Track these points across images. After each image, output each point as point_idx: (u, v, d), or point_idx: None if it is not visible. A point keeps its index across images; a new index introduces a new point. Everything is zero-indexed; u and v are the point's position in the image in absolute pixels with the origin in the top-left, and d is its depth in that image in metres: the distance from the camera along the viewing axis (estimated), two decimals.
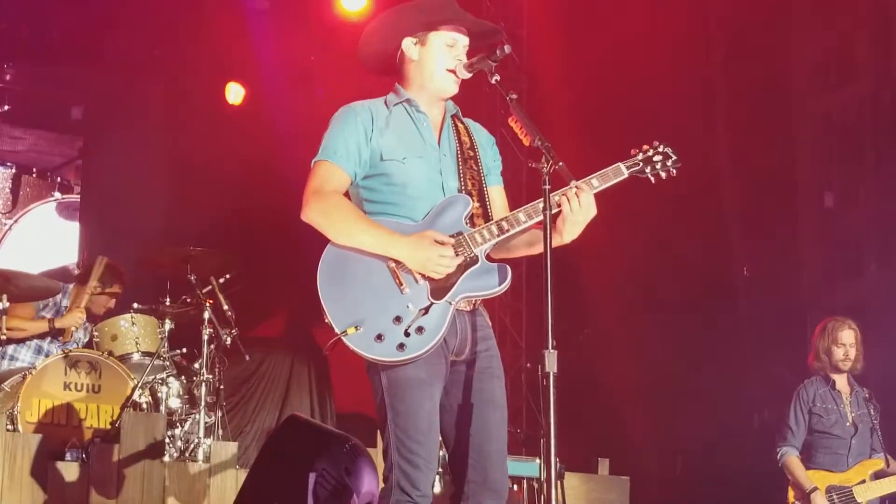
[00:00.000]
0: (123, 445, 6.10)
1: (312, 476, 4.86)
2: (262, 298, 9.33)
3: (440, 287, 3.61)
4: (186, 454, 6.74)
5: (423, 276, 3.60)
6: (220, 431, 7.14)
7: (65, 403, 6.62)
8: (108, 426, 6.57)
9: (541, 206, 3.53)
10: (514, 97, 3.67)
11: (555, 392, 3.34)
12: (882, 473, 6.54)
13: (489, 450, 3.67)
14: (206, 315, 7.06)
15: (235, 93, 10.57)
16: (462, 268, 3.64)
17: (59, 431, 6.50)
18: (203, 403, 6.90)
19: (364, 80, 4.14)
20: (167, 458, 6.39)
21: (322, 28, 10.15)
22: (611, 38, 9.99)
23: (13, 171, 11.84)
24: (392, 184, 3.72)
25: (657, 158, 3.83)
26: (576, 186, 3.67)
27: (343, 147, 3.72)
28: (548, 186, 3.50)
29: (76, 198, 11.63)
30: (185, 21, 9.69)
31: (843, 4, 10.10)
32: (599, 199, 3.72)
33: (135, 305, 7.31)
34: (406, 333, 3.54)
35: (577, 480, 7.54)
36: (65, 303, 7.47)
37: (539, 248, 3.49)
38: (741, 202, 10.05)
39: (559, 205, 3.65)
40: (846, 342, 6.68)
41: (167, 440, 6.54)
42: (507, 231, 3.68)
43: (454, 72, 3.79)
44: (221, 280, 7.23)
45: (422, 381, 3.58)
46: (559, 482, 6.72)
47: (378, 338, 3.54)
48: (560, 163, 3.48)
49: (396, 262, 3.60)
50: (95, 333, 7.21)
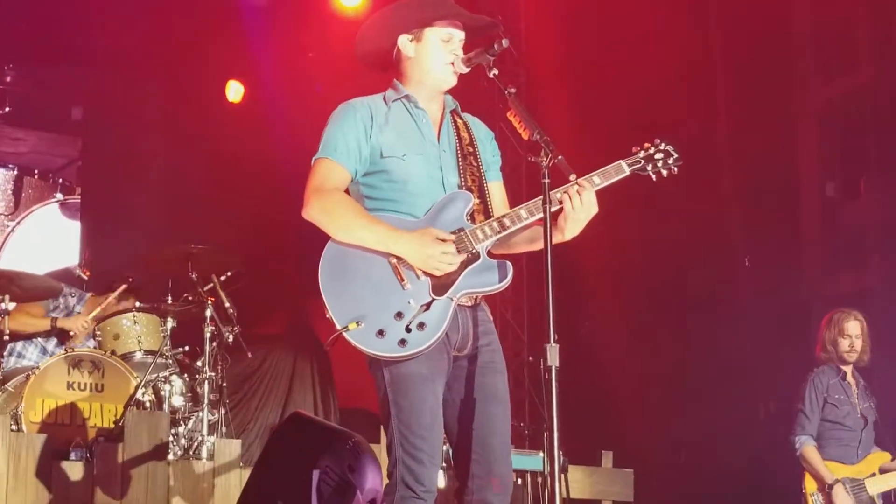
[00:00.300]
0: (127, 444, 6.10)
1: (316, 473, 4.86)
2: (264, 295, 9.33)
3: (441, 283, 3.61)
4: (190, 452, 6.75)
5: (425, 273, 3.60)
6: (224, 429, 7.15)
7: (68, 403, 6.63)
8: (112, 425, 6.59)
9: (542, 203, 3.53)
10: (513, 91, 3.67)
11: (557, 385, 3.35)
12: (885, 468, 6.53)
13: (492, 444, 3.67)
14: (208, 313, 7.07)
15: (235, 91, 10.57)
16: (463, 264, 3.64)
17: (63, 431, 6.50)
18: (206, 401, 6.91)
19: (362, 77, 4.13)
20: (171, 457, 6.39)
21: (320, 24, 10.14)
22: (609, 31, 9.97)
23: (15, 173, 11.84)
24: (392, 181, 3.73)
25: (659, 156, 3.82)
26: (577, 184, 3.66)
27: (343, 144, 3.72)
28: (547, 181, 3.50)
29: (78, 198, 11.63)
30: (184, 20, 9.68)
31: None
32: (600, 195, 3.71)
33: (137, 304, 7.32)
34: (407, 329, 3.55)
35: (581, 473, 7.54)
36: (78, 309, 7.50)
37: (540, 244, 3.49)
38: (742, 192, 10.04)
39: (560, 202, 3.65)
40: (852, 333, 6.67)
41: (171, 438, 6.55)
42: (509, 228, 3.68)
43: (452, 65, 3.79)
44: (223, 278, 7.24)
45: (424, 377, 3.58)
46: (563, 475, 6.72)
47: (379, 333, 3.54)
48: (559, 157, 3.48)
49: (398, 258, 3.61)
50: (98, 332, 7.22)
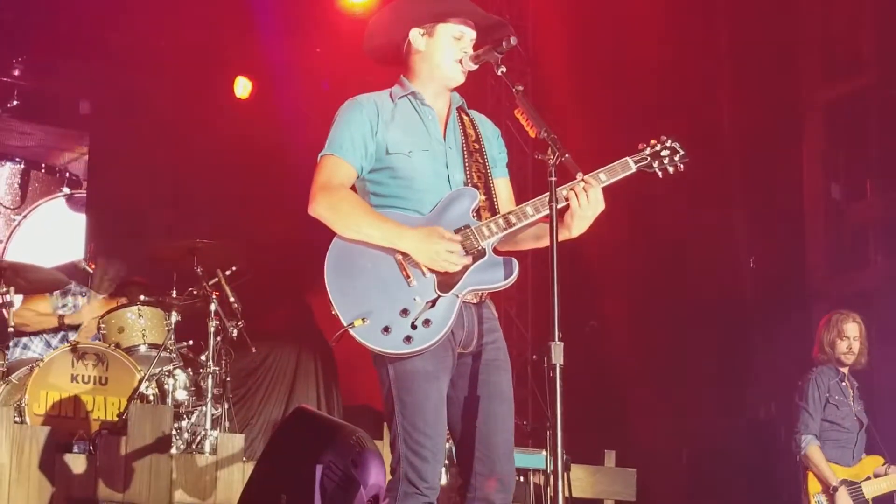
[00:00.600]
0: (130, 437, 6.11)
1: (319, 468, 4.87)
2: (269, 290, 9.33)
3: (447, 280, 3.61)
4: (193, 446, 6.76)
5: (430, 270, 3.60)
6: (227, 423, 7.15)
7: (72, 395, 6.63)
8: (116, 418, 6.58)
9: (548, 200, 3.53)
10: (520, 89, 3.66)
11: (561, 384, 3.35)
12: (880, 472, 6.53)
13: (496, 442, 3.67)
14: (213, 307, 7.07)
15: (243, 87, 10.57)
16: (469, 261, 3.64)
17: (67, 423, 6.50)
18: (210, 395, 6.91)
19: (370, 73, 4.14)
20: (174, 451, 6.40)
21: (327, 20, 10.14)
22: (615, 30, 9.97)
23: (22, 167, 11.84)
24: (398, 177, 3.73)
25: (665, 153, 3.83)
26: (583, 181, 3.66)
27: (349, 141, 3.72)
28: (554, 178, 3.49)
29: (85, 193, 11.63)
30: (193, 15, 9.68)
31: None
32: (606, 193, 3.71)
33: (141, 297, 7.32)
34: (413, 326, 3.55)
35: (584, 472, 7.54)
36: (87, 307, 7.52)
37: (547, 241, 3.49)
38: (747, 193, 10.03)
39: (567, 199, 3.65)
40: (850, 335, 6.65)
41: (174, 432, 6.56)
42: (515, 225, 3.68)
43: (461, 62, 3.79)
44: (228, 272, 7.24)
45: (429, 374, 3.58)
46: (565, 474, 6.72)
47: (385, 330, 3.54)
48: (566, 154, 3.48)
49: (403, 255, 3.61)
50: (102, 325, 7.22)
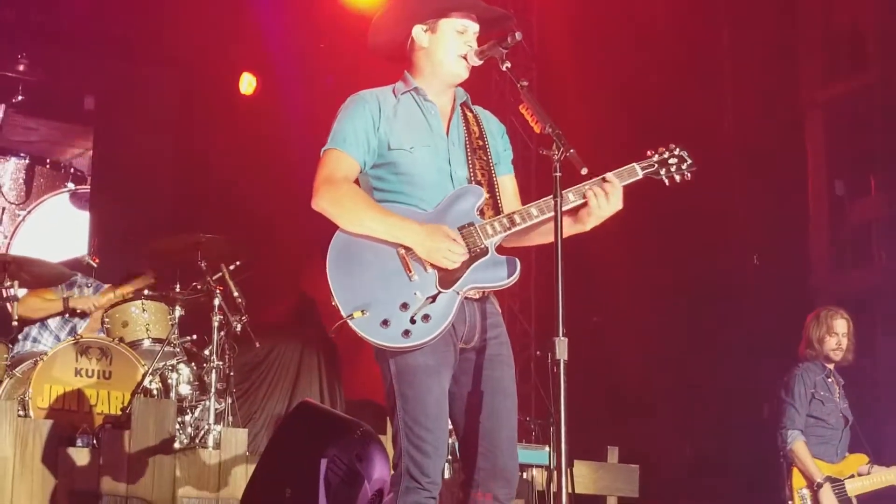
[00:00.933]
0: (134, 432, 6.12)
1: (323, 462, 4.87)
2: (273, 285, 9.35)
3: (449, 276, 3.61)
4: (197, 441, 6.76)
5: (432, 265, 3.61)
6: (231, 418, 7.16)
7: (76, 389, 6.64)
8: (119, 412, 6.60)
9: (553, 203, 3.52)
10: (525, 84, 3.67)
11: (565, 379, 3.35)
12: (864, 470, 6.52)
13: (499, 437, 3.67)
14: (217, 302, 7.08)
15: (248, 83, 10.58)
16: (471, 258, 3.65)
17: (71, 417, 6.52)
18: (213, 390, 6.92)
19: (374, 68, 4.14)
20: (178, 445, 6.41)
21: (331, 15, 10.14)
22: (619, 27, 9.98)
23: (27, 162, 11.85)
24: (400, 173, 3.73)
25: (673, 161, 3.85)
26: (604, 180, 3.70)
27: (352, 135, 3.73)
28: (559, 174, 3.51)
29: (89, 188, 11.64)
30: (198, 11, 9.69)
31: None
32: None
33: (145, 292, 7.34)
34: (412, 320, 3.56)
35: (587, 468, 7.54)
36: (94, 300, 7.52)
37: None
38: (750, 190, 10.03)
39: (585, 196, 3.68)
40: (839, 331, 6.62)
41: (178, 427, 6.57)
42: (518, 224, 3.69)
43: (465, 57, 3.79)
44: (232, 267, 7.24)
45: (430, 368, 3.59)
46: (568, 470, 6.72)
47: (384, 323, 3.55)
48: (571, 150, 3.48)
49: (406, 249, 3.61)
50: (106, 320, 7.23)
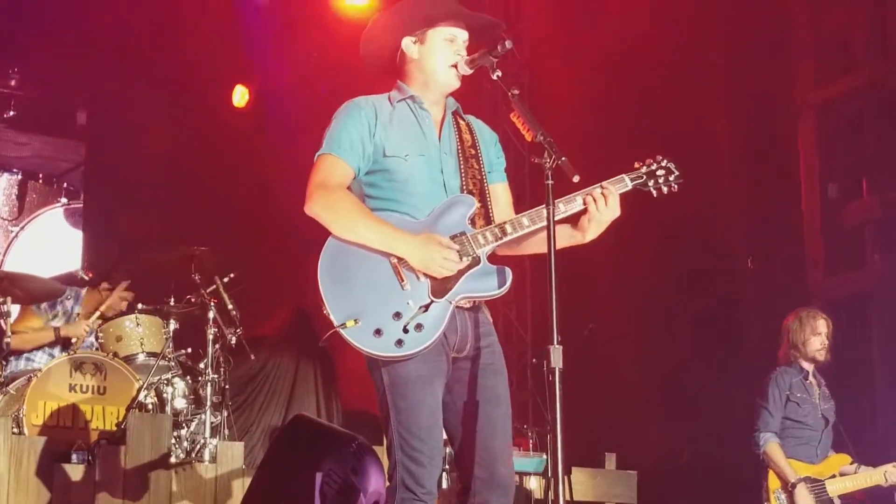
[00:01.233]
0: (129, 447, 6.10)
1: (319, 475, 4.86)
2: (267, 297, 9.33)
3: (441, 286, 3.62)
4: (193, 455, 6.74)
5: (425, 274, 3.61)
6: (226, 431, 7.14)
7: (70, 405, 6.62)
8: (114, 427, 6.58)
9: (545, 213, 3.53)
10: (516, 93, 3.69)
11: (561, 387, 3.34)
12: (846, 471, 6.53)
13: (494, 446, 3.67)
14: (211, 315, 7.07)
15: (241, 95, 10.57)
16: (464, 268, 3.65)
17: (65, 433, 6.50)
18: (209, 403, 6.91)
19: (366, 77, 4.13)
20: (173, 459, 6.39)
21: (323, 25, 10.14)
22: (611, 32, 9.98)
23: (19, 178, 11.82)
24: (394, 180, 3.73)
25: (660, 173, 3.90)
26: (602, 187, 3.74)
27: (347, 141, 3.73)
28: (550, 182, 3.51)
29: (82, 203, 11.61)
30: (190, 24, 9.69)
31: None
32: None
33: (139, 306, 7.32)
34: (405, 330, 3.55)
35: (584, 475, 7.54)
36: (77, 309, 7.48)
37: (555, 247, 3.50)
38: (743, 193, 10.04)
39: (585, 204, 3.71)
40: (822, 331, 6.64)
41: (173, 441, 6.55)
42: (510, 234, 3.71)
43: (455, 66, 3.80)
44: (226, 279, 7.24)
45: (423, 379, 3.59)
46: (566, 477, 6.71)
47: (376, 332, 3.54)
48: (562, 157, 3.49)
49: (399, 259, 3.61)
50: (100, 334, 7.21)
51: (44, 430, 6.43)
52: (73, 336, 7.23)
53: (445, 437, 3.74)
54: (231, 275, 7.27)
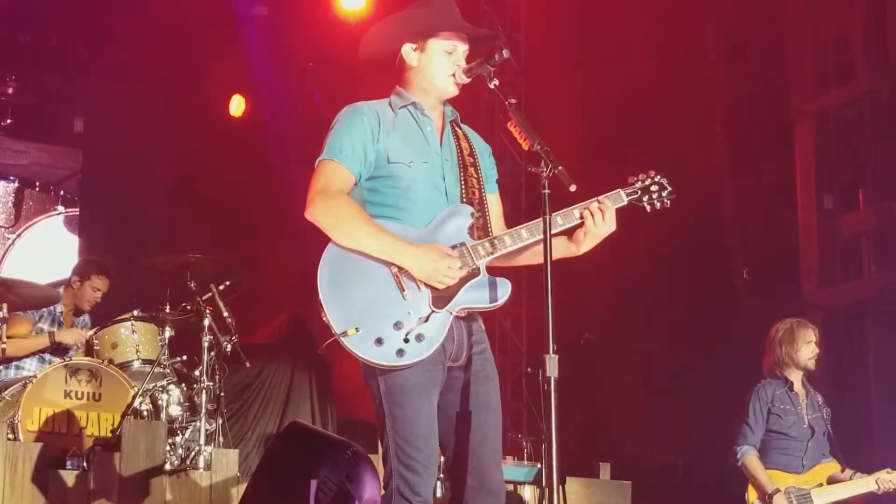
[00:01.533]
0: (124, 453, 6.08)
1: (314, 483, 4.85)
2: (263, 305, 9.33)
3: (441, 296, 3.62)
4: (187, 462, 6.73)
5: (426, 285, 3.61)
6: (221, 439, 7.13)
7: (65, 411, 6.62)
8: (109, 434, 6.57)
9: (542, 215, 3.54)
10: (513, 102, 3.70)
11: (556, 396, 3.35)
12: (834, 479, 6.53)
13: (484, 453, 3.69)
14: (207, 322, 7.05)
15: (238, 104, 10.58)
16: (463, 279, 3.66)
17: (60, 440, 6.49)
18: (204, 411, 6.89)
19: (364, 85, 4.14)
20: (168, 467, 6.37)
21: (320, 33, 10.15)
22: (608, 42, 9.99)
23: (16, 185, 11.83)
24: (397, 186, 3.73)
25: (654, 188, 3.93)
26: (598, 201, 3.77)
27: (349, 147, 3.72)
28: (547, 191, 3.52)
29: (78, 211, 11.62)
30: (187, 34, 9.70)
31: (840, 2, 10.14)
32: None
33: (135, 313, 7.30)
34: (406, 339, 3.56)
35: (579, 485, 7.52)
36: (59, 308, 7.47)
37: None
38: (740, 203, 10.06)
39: (582, 217, 3.74)
40: (812, 340, 6.65)
41: (168, 448, 6.54)
42: (509, 246, 3.73)
43: (454, 75, 3.81)
44: (221, 287, 7.23)
45: (420, 388, 3.59)
46: (560, 487, 6.70)
47: (378, 342, 3.54)
48: (559, 166, 3.50)
49: (400, 268, 3.61)
50: (95, 341, 7.21)
51: (39, 437, 6.42)
52: (68, 342, 7.23)
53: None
54: (227, 282, 7.26)
